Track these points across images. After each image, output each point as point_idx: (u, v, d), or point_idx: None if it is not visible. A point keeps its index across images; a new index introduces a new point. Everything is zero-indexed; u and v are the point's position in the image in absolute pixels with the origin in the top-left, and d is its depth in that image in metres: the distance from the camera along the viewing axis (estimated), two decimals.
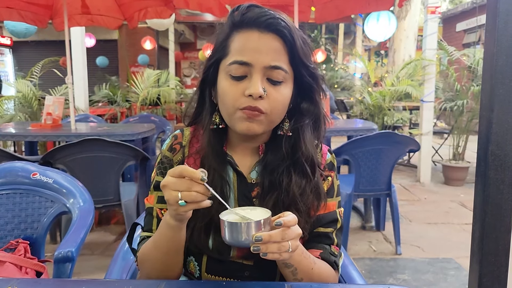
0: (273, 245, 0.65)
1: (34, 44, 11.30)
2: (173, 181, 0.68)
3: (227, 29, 0.81)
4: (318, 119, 0.87)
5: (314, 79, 0.83)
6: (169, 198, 0.68)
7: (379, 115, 5.18)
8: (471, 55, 4.82)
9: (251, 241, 0.65)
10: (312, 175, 0.84)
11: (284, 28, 0.77)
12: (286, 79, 0.80)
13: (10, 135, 3.19)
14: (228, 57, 0.80)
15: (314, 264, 0.79)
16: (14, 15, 3.65)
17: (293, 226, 0.68)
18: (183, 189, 0.67)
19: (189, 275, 0.88)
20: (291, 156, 0.84)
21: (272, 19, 0.77)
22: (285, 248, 0.66)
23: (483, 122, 0.62)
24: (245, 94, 0.77)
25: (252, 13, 0.79)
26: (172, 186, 0.67)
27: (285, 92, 0.80)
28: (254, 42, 0.78)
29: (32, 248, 1.22)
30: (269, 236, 0.65)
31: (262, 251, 0.65)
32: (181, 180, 0.67)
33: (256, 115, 0.78)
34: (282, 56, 0.79)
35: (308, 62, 0.81)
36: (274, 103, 0.78)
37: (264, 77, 0.78)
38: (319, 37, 13.15)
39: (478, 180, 0.63)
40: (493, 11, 0.60)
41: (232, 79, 0.79)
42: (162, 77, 6.64)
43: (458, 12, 12.26)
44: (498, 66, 0.60)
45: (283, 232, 0.66)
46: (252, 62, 0.77)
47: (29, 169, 1.33)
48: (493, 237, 0.61)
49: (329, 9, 3.96)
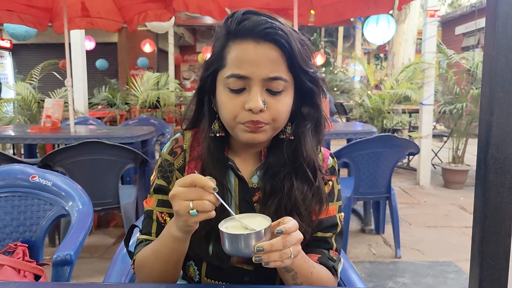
0: (275, 254, 0.65)
1: (33, 47, 11.33)
2: (184, 191, 0.66)
3: (223, 39, 0.79)
4: (319, 123, 0.86)
5: (314, 83, 0.82)
6: (179, 208, 0.66)
7: (378, 118, 5.19)
8: (470, 58, 4.84)
9: (252, 251, 0.64)
10: (313, 179, 0.83)
11: (281, 37, 0.75)
12: (286, 87, 0.78)
13: (9, 137, 3.18)
14: (225, 69, 0.77)
15: (313, 268, 0.79)
16: (14, 18, 3.65)
17: (294, 232, 0.68)
18: (195, 198, 0.65)
19: (189, 279, 0.88)
20: (292, 161, 0.83)
21: (268, 29, 0.74)
22: (287, 255, 0.66)
23: (483, 125, 0.61)
24: (245, 108, 0.75)
25: (247, 23, 0.75)
26: (183, 196, 0.65)
27: (285, 100, 0.79)
28: (251, 54, 0.75)
29: (31, 251, 1.22)
30: (270, 245, 0.64)
31: (264, 260, 0.65)
32: (192, 189, 0.65)
33: (259, 128, 0.77)
34: (281, 65, 0.76)
35: (308, 67, 0.79)
36: (276, 113, 0.77)
37: (263, 88, 0.76)
38: (318, 40, 13.18)
39: (478, 183, 0.63)
40: (492, 13, 0.60)
41: (230, 92, 0.77)
42: (161, 80, 6.66)
43: (457, 16, 12.31)
44: (497, 69, 0.59)
45: (284, 240, 0.65)
46: (250, 75, 0.75)
47: (28, 172, 1.32)
48: (493, 241, 0.60)
49: (328, 13, 3.97)
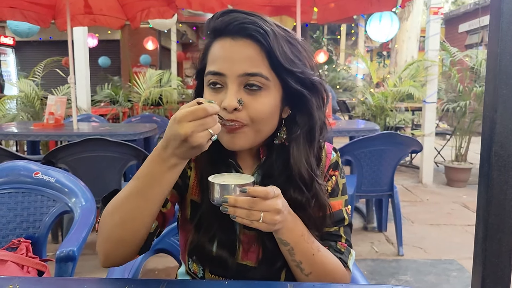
0: (241, 211, 0.67)
1: (36, 44, 11.35)
2: (200, 123, 0.63)
3: (207, 38, 0.79)
4: (312, 131, 0.80)
5: (304, 86, 0.77)
6: (202, 141, 0.63)
7: (381, 116, 5.18)
8: (474, 56, 4.82)
9: (221, 201, 0.69)
10: (307, 190, 0.80)
11: (258, 33, 0.71)
12: (267, 86, 0.74)
13: (13, 134, 3.20)
14: (206, 67, 0.77)
15: (317, 252, 0.78)
16: (17, 15, 3.66)
17: (269, 200, 0.68)
18: (213, 124, 0.64)
19: (192, 275, 0.88)
20: (285, 170, 0.80)
21: (244, 24, 0.72)
22: (255, 217, 0.68)
23: (487, 122, 0.61)
24: (221, 107, 0.73)
25: (225, 19, 0.74)
26: (201, 127, 0.63)
27: (266, 100, 0.75)
28: (226, 50, 0.74)
29: (34, 247, 1.22)
30: (234, 200, 0.67)
31: (230, 213, 0.68)
32: (208, 118, 0.63)
33: (236, 128, 0.74)
34: (259, 62, 0.73)
35: (294, 67, 0.74)
36: (254, 113, 0.74)
37: (241, 86, 0.74)
38: (321, 38, 13.16)
39: (482, 181, 0.63)
40: (497, 11, 0.60)
41: (211, 91, 0.76)
42: (164, 77, 6.66)
43: (461, 13, 12.26)
44: (501, 66, 0.59)
45: (251, 201, 0.67)
46: (225, 71, 0.73)
47: (31, 168, 1.33)
48: (497, 238, 0.60)
49: (331, 10, 3.96)
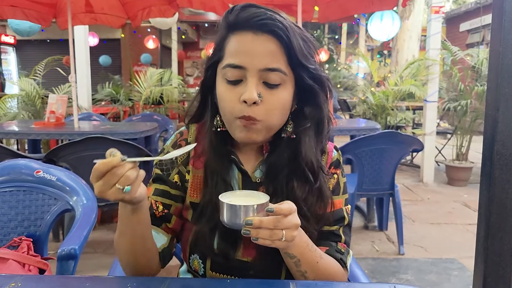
0: (265, 232, 0.66)
1: (37, 42, 11.35)
2: (104, 182, 0.63)
3: (223, 31, 0.79)
4: (321, 123, 0.84)
5: (316, 81, 0.80)
6: (115, 198, 0.64)
7: (382, 115, 5.17)
8: (475, 55, 4.81)
9: (243, 224, 0.66)
10: (314, 180, 0.82)
11: (280, 29, 0.74)
12: (285, 81, 0.77)
13: (13, 133, 3.20)
14: (223, 60, 0.78)
15: (320, 259, 0.79)
16: (18, 14, 3.65)
17: (290, 216, 0.68)
18: (116, 179, 0.63)
19: (194, 273, 0.88)
20: (292, 161, 0.82)
21: (266, 20, 0.74)
22: (278, 237, 0.66)
23: (489, 121, 0.61)
24: (240, 100, 0.75)
25: (246, 14, 0.75)
26: (106, 187, 0.63)
27: (283, 95, 0.77)
28: (248, 44, 0.75)
29: (35, 246, 1.22)
30: (260, 221, 0.65)
31: (253, 235, 0.66)
32: (107, 175, 0.63)
33: (251, 124, 0.76)
34: (279, 57, 0.75)
35: (308, 63, 0.78)
36: (270, 108, 0.76)
37: (260, 80, 0.76)
38: (322, 37, 13.14)
39: (483, 179, 0.63)
40: (499, 9, 0.60)
41: (228, 84, 0.77)
42: (165, 76, 6.67)
43: (462, 12, 12.23)
44: (504, 64, 0.59)
45: (276, 220, 0.66)
46: (246, 65, 0.75)
47: (33, 167, 1.33)
48: (498, 237, 0.60)
49: (332, 9, 3.96)
